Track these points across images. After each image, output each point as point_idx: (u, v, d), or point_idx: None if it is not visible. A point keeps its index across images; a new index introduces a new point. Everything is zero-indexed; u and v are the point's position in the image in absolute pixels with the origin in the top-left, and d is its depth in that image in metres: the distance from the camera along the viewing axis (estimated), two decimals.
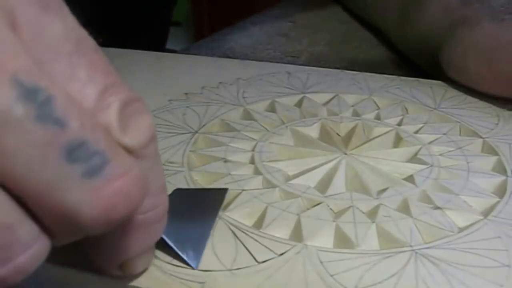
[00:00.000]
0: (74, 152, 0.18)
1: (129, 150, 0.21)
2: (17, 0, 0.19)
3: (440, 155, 0.35)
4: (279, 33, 0.62)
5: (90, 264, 0.26)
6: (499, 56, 0.40)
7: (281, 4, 0.72)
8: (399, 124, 0.38)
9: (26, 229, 0.19)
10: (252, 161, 0.34)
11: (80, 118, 0.19)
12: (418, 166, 0.34)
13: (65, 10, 0.21)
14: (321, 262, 0.26)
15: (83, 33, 0.21)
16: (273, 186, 0.32)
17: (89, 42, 0.21)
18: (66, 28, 0.20)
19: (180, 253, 0.27)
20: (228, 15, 0.97)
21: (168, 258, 0.27)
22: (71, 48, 0.20)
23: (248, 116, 0.39)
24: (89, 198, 0.19)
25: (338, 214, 0.30)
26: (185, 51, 0.61)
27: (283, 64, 0.48)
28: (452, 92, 0.43)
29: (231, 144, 0.36)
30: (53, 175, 0.18)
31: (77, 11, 0.22)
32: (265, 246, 0.27)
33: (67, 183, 0.18)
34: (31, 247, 0.19)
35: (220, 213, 0.30)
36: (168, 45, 0.81)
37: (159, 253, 0.27)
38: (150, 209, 0.23)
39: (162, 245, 0.27)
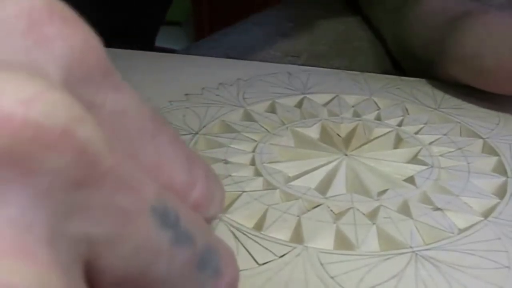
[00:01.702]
0: (203, 263, 0.18)
1: (208, 220, 0.19)
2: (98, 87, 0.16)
3: (441, 155, 0.35)
4: (279, 33, 0.62)
5: None
6: None
7: (281, 4, 0.72)
8: (400, 124, 0.38)
9: None
10: (252, 163, 0.34)
11: (197, 222, 0.18)
12: (419, 167, 0.34)
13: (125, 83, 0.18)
14: (322, 264, 0.27)
15: (148, 103, 0.18)
16: (274, 188, 0.32)
17: (157, 111, 0.19)
18: (138, 112, 0.17)
19: None
20: (228, 15, 0.97)
21: None
22: (150, 126, 0.18)
23: (248, 117, 0.39)
24: None
25: (338, 216, 0.30)
26: (185, 51, 0.61)
27: (284, 64, 0.48)
28: (453, 92, 0.43)
29: (232, 146, 0.36)
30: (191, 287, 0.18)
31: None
32: (266, 248, 0.27)
33: None
34: None
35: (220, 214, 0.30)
36: (168, 45, 0.81)
37: None
38: None
39: None
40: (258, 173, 0.33)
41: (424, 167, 0.34)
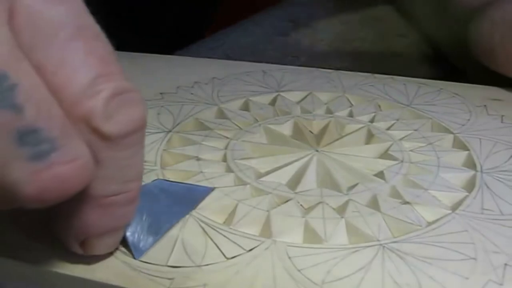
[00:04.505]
0: (26, 136, 0.20)
1: (106, 138, 0.22)
2: None
3: (411, 151, 0.35)
4: (279, 33, 0.62)
5: (61, 264, 0.26)
6: None
7: (281, 4, 0.72)
8: (371, 121, 0.39)
9: None
10: (224, 159, 0.34)
11: (39, 107, 0.20)
12: (389, 162, 0.34)
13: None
14: (289, 257, 0.27)
15: (87, 21, 0.22)
16: (244, 184, 0.32)
17: (92, 30, 0.23)
18: (67, 14, 0.22)
19: (126, 238, 0.27)
20: (228, 15, 0.97)
21: None
22: (70, 34, 0.22)
23: (222, 114, 0.40)
24: (28, 178, 0.20)
25: (307, 210, 0.30)
26: (185, 51, 0.61)
27: (259, 63, 0.49)
28: (426, 89, 0.44)
29: (204, 143, 0.36)
30: (2, 154, 0.20)
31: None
32: (235, 243, 0.28)
33: (13, 163, 0.20)
34: None
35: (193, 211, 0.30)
36: None
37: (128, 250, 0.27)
38: (115, 193, 0.24)
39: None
40: (229, 170, 0.33)
41: (394, 162, 0.34)
